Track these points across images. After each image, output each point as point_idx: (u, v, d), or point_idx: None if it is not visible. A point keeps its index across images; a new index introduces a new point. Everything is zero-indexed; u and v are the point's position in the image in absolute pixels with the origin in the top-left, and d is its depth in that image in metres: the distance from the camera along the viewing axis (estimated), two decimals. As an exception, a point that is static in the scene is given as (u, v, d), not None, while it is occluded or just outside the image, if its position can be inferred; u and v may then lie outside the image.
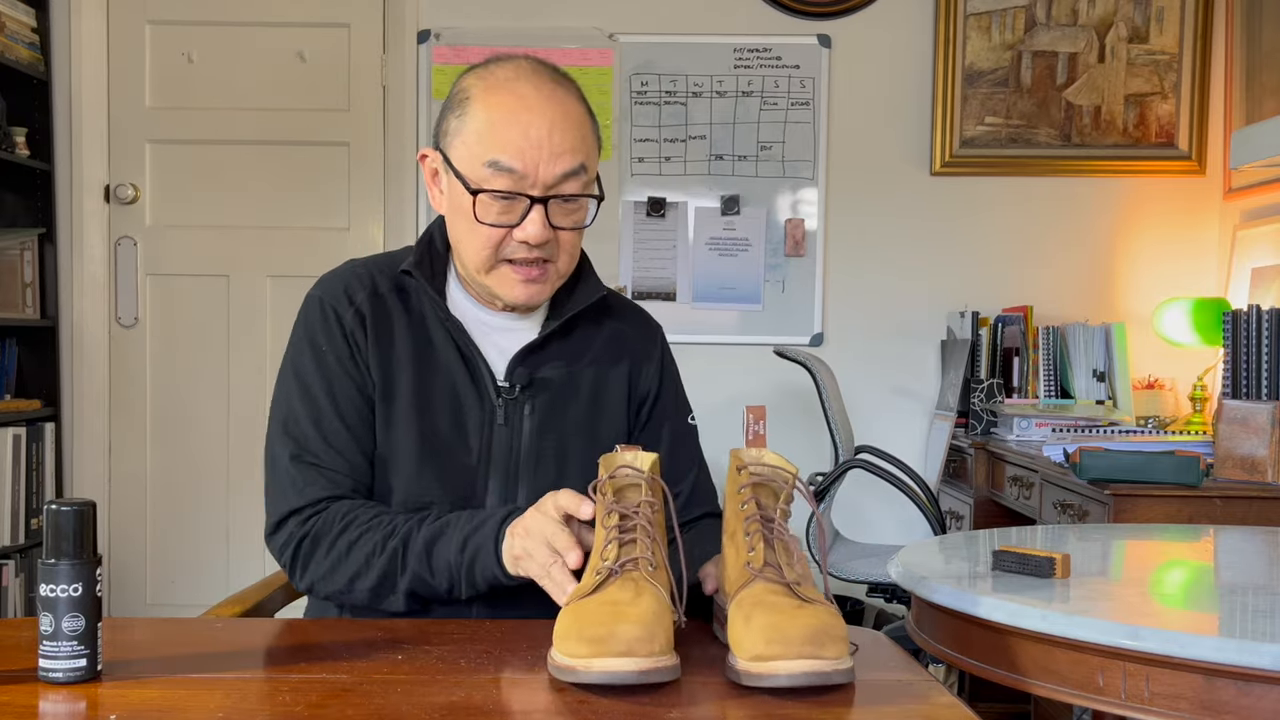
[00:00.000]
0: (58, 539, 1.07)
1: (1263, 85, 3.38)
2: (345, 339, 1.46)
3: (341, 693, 1.05)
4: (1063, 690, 1.43)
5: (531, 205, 1.38)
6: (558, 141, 1.38)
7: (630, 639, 1.03)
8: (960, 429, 3.44)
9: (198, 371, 3.73)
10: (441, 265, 1.52)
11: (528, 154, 1.37)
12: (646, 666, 1.03)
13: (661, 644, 1.05)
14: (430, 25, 3.66)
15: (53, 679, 1.07)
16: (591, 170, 1.43)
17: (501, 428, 1.46)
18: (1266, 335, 2.64)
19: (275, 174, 3.72)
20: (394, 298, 1.49)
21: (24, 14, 3.54)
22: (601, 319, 1.56)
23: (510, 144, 1.38)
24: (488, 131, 1.39)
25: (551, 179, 1.38)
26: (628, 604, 1.07)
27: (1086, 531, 2.11)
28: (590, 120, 1.45)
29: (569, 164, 1.39)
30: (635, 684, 1.04)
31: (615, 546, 1.14)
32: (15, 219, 3.59)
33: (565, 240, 1.43)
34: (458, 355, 1.47)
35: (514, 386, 1.47)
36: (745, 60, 3.67)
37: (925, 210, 3.69)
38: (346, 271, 1.52)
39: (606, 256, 3.66)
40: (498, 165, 1.38)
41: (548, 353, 1.50)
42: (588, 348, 1.53)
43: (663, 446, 1.54)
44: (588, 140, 1.43)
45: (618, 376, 1.54)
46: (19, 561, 3.42)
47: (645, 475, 1.18)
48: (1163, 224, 3.68)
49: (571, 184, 1.40)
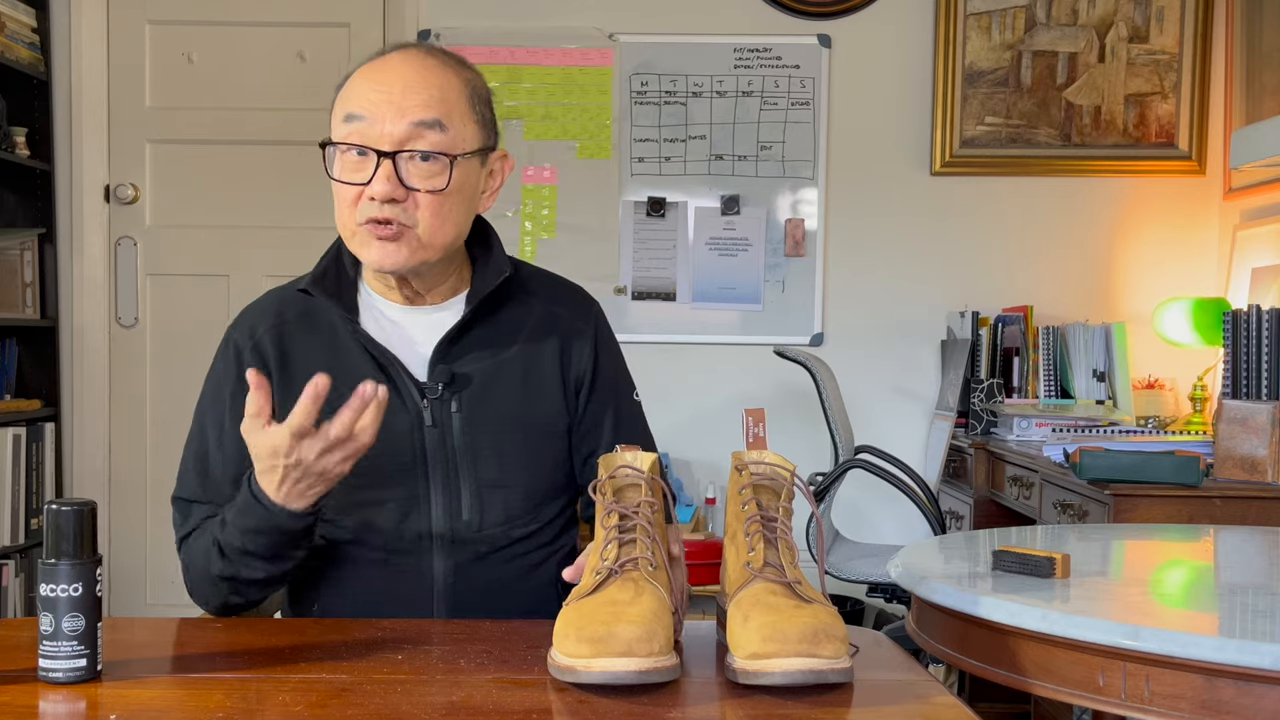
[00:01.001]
0: (58, 539, 1.07)
1: (1263, 85, 3.38)
2: (242, 377, 1.40)
3: (341, 693, 1.05)
4: (1063, 690, 1.42)
5: (380, 160, 1.36)
6: (410, 96, 1.37)
7: (630, 639, 1.03)
8: (960, 429, 3.44)
9: (198, 371, 3.67)
10: (349, 276, 1.50)
11: (378, 105, 1.37)
12: (646, 666, 1.03)
13: (661, 644, 1.05)
14: (430, 25, 3.66)
15: (53, 679, 1.07)
16: (454, 129, 1.39)
17: (431, 429, 1.43)
18: (1266, 335, 2.64)
19: (275, 174, 3.72)
20: (300, 323, 1.48)
21: (24, 14, 3.54)
22: (529, 301, 1.52)
23: (361, 94, 1.39)
24: (348, 91, 1.41)
25: (400, 131, 1.36)
26: (627, 604, 1.07)
27: (1086, 531, 2.11)
28: (464, 89, 1.42)
29: (418, 114, 1.37)
30: (635, 684, 1.04)
31: (615, 546, 1.14)
32: (15, 219, 3.59)
33: (425, 203, 1.38)
34: (373, 364, 1.43)
35: (436, 385, 1.44)
36: (745, 60, 3.67)
37: (925, 210, 3.70)
38: (257, 305, 1.53)
39: (606, 256, 3.66)
40: (350, 117, 1.38)
41: (468, 343, 1.46)
42: (515, 333, 1.49)
43: (606, 427, 1.51)
44: (451, 103, 1.39)
45: (549, 357, 1.49)
46: (19, 561, 3.42)
47: (645, 475, 1.18)
48: (1163, 224, 3.68)
49: (424, 138, 1.37)
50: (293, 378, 1.43)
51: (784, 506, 1.18)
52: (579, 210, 3.67)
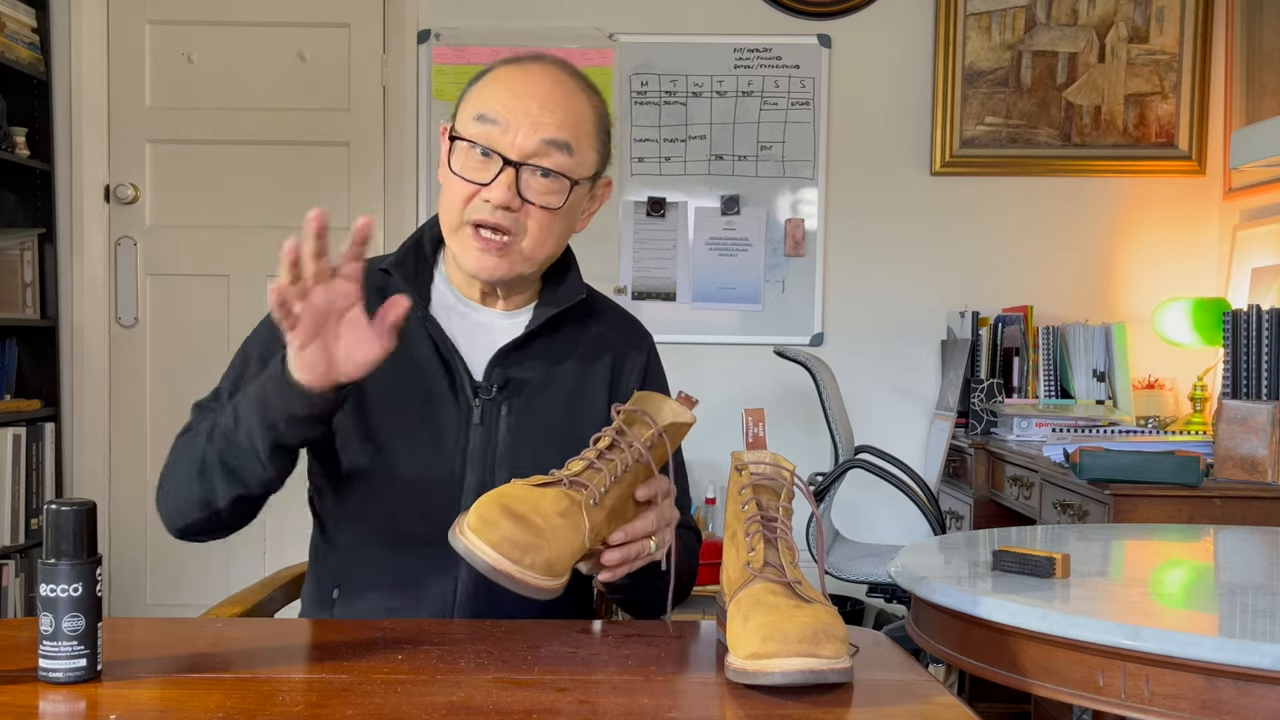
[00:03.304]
0: (58, 539, 1.07)
1: (1263, 85, 3.38)
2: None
3: (341, 693, 1.05)
4: (1063, 690, 1.43)
5: (504, 167, 1.39)
6: (546, 113, 1.40)
7: (521, 526, 1.13)
8: (960, 429, 3.44)
9: (198, 371, 3.70)
10: (427, 264, 1.53)
11: (514, 114, 1.40)
12: (496, 559, 1.13)
13: (538, 559, 1.13)
14: (430, 25, 3.66)
15: (53, 679, 1.07)
16: (580, 155, 1.43)
17: (478, 428, 1.46)
18: (1266, 335, 2.64)
19: (275, 174, 3.72)
20: (375, 298, 1.49)
21: (24, 14, 3.54)
22: (588, 322, 1.56)
23: (499, 100, 1.41)
24: (486, 91, 1.43)
25: (530, 145, 1.39)
26: (544, 501, 1.15)
27: (1086, 531, 2.11)
28: (595, 118, 1.46)
29: (551, 133, 1.40)
30: (488, 569, 1.13)
31: (585, 468, 1.20)
32: (15, 219, 3.59)
33: (535, 217, 1.42)
34: (435, 355, 1.47)
35: (491, 387, 1.47)
36: (745, 60, 3.67)
37: (925, 210, 3.70)
38: None
39: (606, 256, 3.66)
40: (483, 118, 1.41)
41: (528, 352, 1.50)
42: (571, 349, 1.53)
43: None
44: (581, 128, 1.43)
45: (598, 376, 1.53)
46: (19, 561, 3.42)
47: (659, 426, 1.24)
48: (1163, 224, 3.68)
49: (551, 157, 1.40)
50: None
51: (784, 506, 1.18)
52: (579, 210, 3.67)
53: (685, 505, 1.59)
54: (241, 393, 1.37)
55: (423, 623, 1.34)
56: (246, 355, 1.49)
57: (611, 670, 1.13)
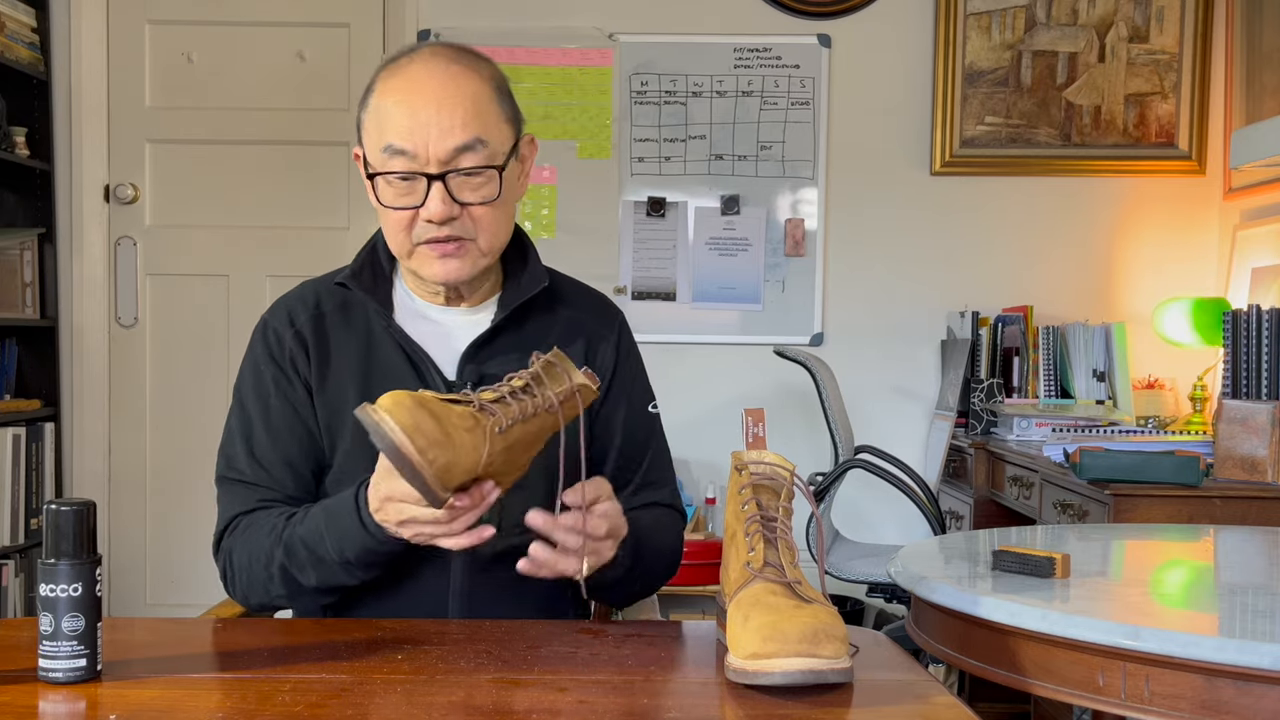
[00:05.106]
0: (58, 539, 1.07)
1: (1263, 85, 3.38)
2: (287, 361, 1.48)
3: (341, 693, 1.05)
4: (1063, 690, 1.43)
5: (430, 183, 1.39)
6: (446, 118, 1.38)
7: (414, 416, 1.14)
8: (960, 429, 3.44)
9: (198, 371, 3.73)
10: (384, 273, 1.53)
11: (416, 134, 1.38)
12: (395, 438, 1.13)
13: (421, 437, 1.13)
14: (430, 25, 3.66)
15: (53, 679, 1.07)
16: (495, 142, 1.41)
17: None
18: (1266, 335, 2.64)
19: (275, 174, 3.72)
20: (337, 315, 1.50)
21: (24, 14, 3.54)
22: (556, 307, 1.55)
23: (399, 126, 1.39)
24: (381, 117, 1.41)
25: (444, 154, 1.38)
26: (452, 416, 1.16)
27: (1086, 531, 2.11)
28: (493, 93, 1.43)
29: (460, 138, 1.38)
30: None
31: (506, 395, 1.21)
32: (15, 219, 3.59)
33: (479, 216, 1.42)
34: (405, 361, 1.47)
35: (465, 384, 1.46)
36: (745, 60, 3.67)
37: (925, 210, 3.69)
38: (294, 294, 1.54)
39: (606, 256, 3.66)
40: (391, 149, 1.39)
41: (498, 345, 1.49)
42: (542, 337, 1.51)
43: (616, 428, 1.53)
44: (485, 114, 1.41)
45: (574, 360, 1.53)
46: (19, 561, 3.42)
47: (575, 384, 1.23)
48: (1163, 224, 3.68)
49: (468, 158, 1.39)
50: (329, 368, 1.47)
51: (784, 506, 1.18)
52: (579, 210, 3.67)
53: (669, 481, 1.59)
54: (303, 528, 1.37)
55: (422, 623, 1.34)
56: (247, 415, 1.49)
57: (611, 670, 1.13)
